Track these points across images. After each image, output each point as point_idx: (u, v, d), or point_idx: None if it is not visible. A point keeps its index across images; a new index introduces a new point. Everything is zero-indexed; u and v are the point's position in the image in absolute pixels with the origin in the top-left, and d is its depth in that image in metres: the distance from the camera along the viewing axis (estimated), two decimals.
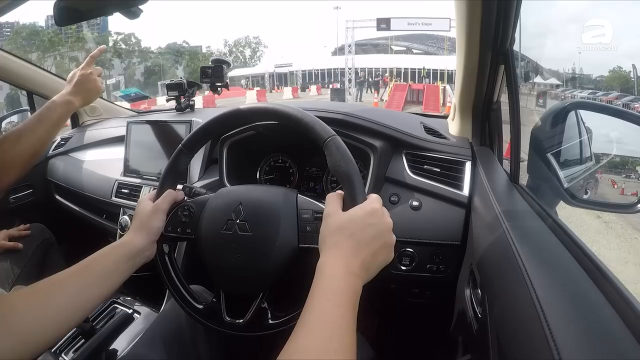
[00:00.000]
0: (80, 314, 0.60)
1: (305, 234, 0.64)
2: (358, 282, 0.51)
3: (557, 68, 7.41)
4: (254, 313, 0.65)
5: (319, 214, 0.64)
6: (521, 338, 0.45)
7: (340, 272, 0.50)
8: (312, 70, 37.70)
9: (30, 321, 0.53)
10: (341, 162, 0.60)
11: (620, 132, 0.93)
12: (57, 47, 35.40)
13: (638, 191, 1.64)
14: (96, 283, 0.61)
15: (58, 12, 0.80)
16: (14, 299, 0.55)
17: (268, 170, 1.23)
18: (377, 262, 0.55)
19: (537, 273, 0.49)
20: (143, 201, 0.72)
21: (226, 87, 1.43)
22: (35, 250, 1.37)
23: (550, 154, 0.91)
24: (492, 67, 0.92)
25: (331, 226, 0.55)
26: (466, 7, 0.80)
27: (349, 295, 0.48)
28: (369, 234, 0.54)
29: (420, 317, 1.31)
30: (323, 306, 0.47)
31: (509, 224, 0.65)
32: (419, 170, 1.00)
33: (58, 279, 0.59)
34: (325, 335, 0.44)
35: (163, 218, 0.70)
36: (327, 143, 0.62)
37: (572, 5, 14.84)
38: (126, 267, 0.65)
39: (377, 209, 0.57)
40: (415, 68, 30.36)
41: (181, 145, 0.73)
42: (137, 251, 0.66)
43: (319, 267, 0.52)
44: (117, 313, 1.08)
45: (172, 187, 0.73)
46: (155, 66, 42.45)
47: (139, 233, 0.67)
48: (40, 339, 0.54)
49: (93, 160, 1.60)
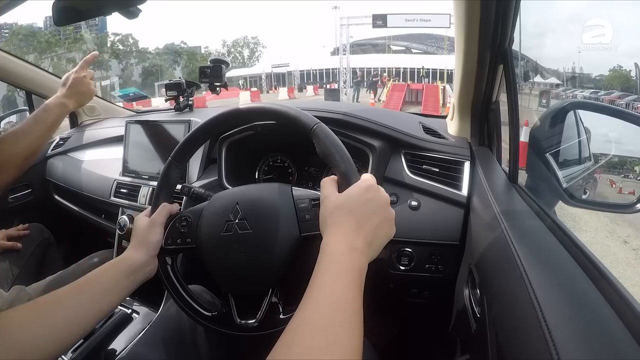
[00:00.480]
0: (80, 330, 0.59)
1: (305, 222, 0.64)
2: (363, 258, 0.50)
3: (557, 67, 7.40)
4: (265, 311, 0.64)
5: (315, 200, 0.64)
6: (520, 338, 0.45)
7: (343, 248, 0.50)
8: (310, 70, 37.53)
9: (30, 337, 0.53)
10: (330, 147, 0.60)
11: (619, 132, 0.93)
12: (54, 49, 35.15)
13: (635, 190, 1.65)
14: (96, 299, 0.61)
15: (57, 12, 0.80)
16: (14, 315, 0.55)
17: (267, 170, 1.23)
18: (379, 237, 0.54)
19: (535, 273, 0.49)
20: (139, 218, 0.72)
21: (225, 87, 1.43)
22: (34, 249, 1.37)
23: (549, 154, 0.92)
24: (491, 67, 0.92)
25: (329, 207, 0.55)
26: (465, 7, 0.80)
27: (353, 271, 0.48)
28: (367, 209, 0.54)
29: (419, 316, 1.31)
30: (327, 280, 0.47)
31: (507, 223, 0.65)
32: (417, 170, 1.00)
33: (58, 295, 0.58)
34: (330, 308, 0.43)
35: (160, 231, 0.69)
36: (313, 131, 0.62)
37: (574, 5, 14.81)
38: (126, 282, 0.64)
39: (372, 185, 0.56)
40: (415, 67, 30.01)
41: (170, 158, 0.73)
42: (137, 266, 0.66)
43: (322, 246, 0.51)
44: (115, 313, 1.07)
45: (166, 201, 0.73)
46: (152, 67, 42.22)
47: (139, 249, 0.67)
48: (40, 355, 0.53)
49: (92, 160, 1.60)
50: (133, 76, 40.51)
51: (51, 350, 0.55)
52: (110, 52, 38.29)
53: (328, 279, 0.47)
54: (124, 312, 1.07)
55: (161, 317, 0.84)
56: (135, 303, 1.15)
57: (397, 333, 1.39)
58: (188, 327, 0.78)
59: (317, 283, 0.47)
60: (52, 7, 0.79)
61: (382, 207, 0.56)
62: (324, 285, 0.46)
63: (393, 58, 35.82)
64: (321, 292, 0.45)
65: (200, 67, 1.42)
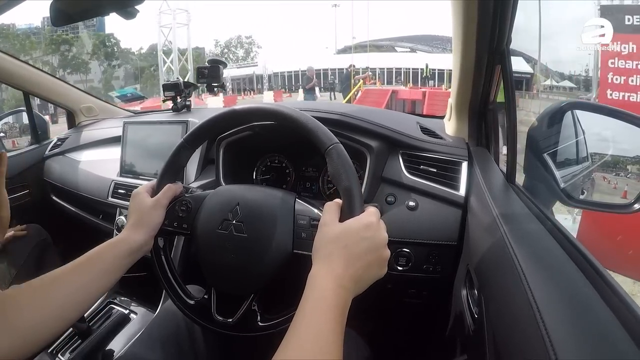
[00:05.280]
0: (80, 309, 0.60)
1: (300, 240, 0.64)
2: (347, 295, 0.51)
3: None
4: (243, 313, 0.65)
5: (315, 221, 0.64)
6: (518, 338, 0.45)
7: (330, 285, 0.50)
8: (302, 71, 36.88)
9: (30, 316, 0.53)
10: (342, 172, 0.60)
11: (614, 131, 0.94)
12: (28, 52, 33.45)
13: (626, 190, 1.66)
14: (96, 279, 0.61)
15: (54, 12, 0.79)
16: (14, 295, 0.55)
17: (264, 171, 1.23)
18: (368, 276, 0.55)
19: (533, 273, 0.49)
20: (140, 193, 0.71)
21: (223, 87, 1.43)
22: (32, 251, 1.37)
23: (546, 154, 0.92)
24: (489, 67, 0.92)
25: (326, 236, 0.55)
26: (462, 7, 0.80)
27: (338, 309, 0.49)
28: (362, 247, 0.54)
29: (416, 317, 1.31)
30: (314, 319, 0.47)
31: (505, 224, 0.65)
32: (415, 171, 1.00)
33: (57, 275, 0.59)
34: (316, 350, 0.44)
35: (163, 213, 0.69)
36: (329, 150, 0.62)
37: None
38: (125, 262, 0.65)
39: (373, 223, 0.56)
40: (418, 68, 25.62)
41: (183, 140, 0.73)
42: (137, 247, 0.66)
43: (310, 277, 0.52)
44: (113, 313, 1.07)
45: (171, 182, 0.73)
46: (135, 69, 41.01)
47: (139, 229, 0.67)
48: (40, 335, 0.54)
49: (89, 160, 1.60)
50: (113, 79, 38.87)
51: (51, 330, 0.55)
52: (92, 54, 36.76)
53: (315, 318, 0.48)
54: (121, 312, 1.08)
55: (159, 317, 0.84)
56: (133, 303, 1.15)
57: (395, 333, 1.39)
58: (185, 327, 0.78)
59: (303, 319, 0.48)
60: (50, 8, 0.79)
61: (378, 248, 0.56)
62: (311, 324, 0.47)
63: (391, 58, 35.47)
64: (308, 333, 0.46)
65: (197, 67, 1.43)
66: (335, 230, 0.56)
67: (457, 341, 0.87)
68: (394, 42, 44.83)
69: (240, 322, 0.65)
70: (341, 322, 0.49)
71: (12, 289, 0.55)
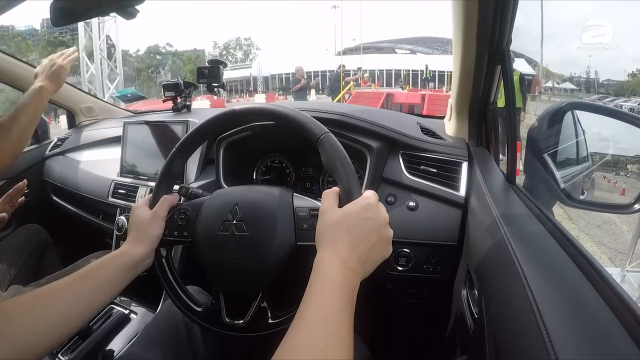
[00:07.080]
0: (78, 322, 0.59)
1: (302, 231, 0.64)
2: (355, 277, 0.51)
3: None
4: (253, 313, 0.64)
5: (315, 211, 0.64)
6: (518, 338, 0.45)
7: (337, 267, 0.50)
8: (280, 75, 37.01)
9: (28, 329, 0.53)
10: (335, 159, 0.60)
11: (613, 130, 0.94)
12: (24, 54, 33.19)
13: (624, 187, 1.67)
14: (95, 292, 0.61)
15: (54, 12, 0.79)
16: (11, 306, 0.54)
17: (264, 171, 1.23)
18: (374, 257, 0.55)
19: (533, 273, 0.49)
20: (139, 207, 0.71)
21: (222, 87, 1.43)
22: (32, 250, 1.37)
23: (546, 154, 0.92)
24: (489, 68, 0.92)
25: (327, 222, 0.56)
26: (463, 7, 0.80)
27: (346, 291, 0.48)
28: (364, 228, 0.54)
29: (416, 317, 1.31)
30: (321, 301, 0.47)
31: (505, 224, 0.65)
32: (415, 171, 1.00)
33: (56, 287, 0.58)
34: (323, 331, 0.44)
35: (162, 225, 0.69)
36: (320, 140, 0.62)
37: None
38: (126, 275, 0.65)
39: (372, 204, 0.57)
40: (418, 70, 26.08)
41: (175, 149, 0.73)
42: (137, 261, 0.66)
43: (316, 262, 0.52)
44: (113, 314, 1.07)
45: (167, 192, 0.73)
46: (133, 71, 40.83)
47: (140, 242, 0.67)
48: (37, 347, 0.53)
49: (90, 160, 1.60)
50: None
51: (48, 342, 0.55)
52: (87, 55, 37.10)
53: (322, 300, 0.47)
54: (121, 312, 1.07)
55: (159, 317, 0.84)
56: (133, 304, 1.15)
57: (395, 333, 1.39)
58: (185, 327, 0.78)
59: (310, 302, 0.47)
60: (50, 8, 0.79)
61: (380, 227, 0.56)
62: (318, 306, 0.47)
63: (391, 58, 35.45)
64: (315, 314, 0.46)
65: (198, 67, 1.43)
66: (336, 215, 0.56)
67: (457, 341, 0.87)
68: (394, 44, 44.84)
69: (251, 323, 0.65)
70: (350, 303, 0.48)
71: (10, 300, 0.55)
